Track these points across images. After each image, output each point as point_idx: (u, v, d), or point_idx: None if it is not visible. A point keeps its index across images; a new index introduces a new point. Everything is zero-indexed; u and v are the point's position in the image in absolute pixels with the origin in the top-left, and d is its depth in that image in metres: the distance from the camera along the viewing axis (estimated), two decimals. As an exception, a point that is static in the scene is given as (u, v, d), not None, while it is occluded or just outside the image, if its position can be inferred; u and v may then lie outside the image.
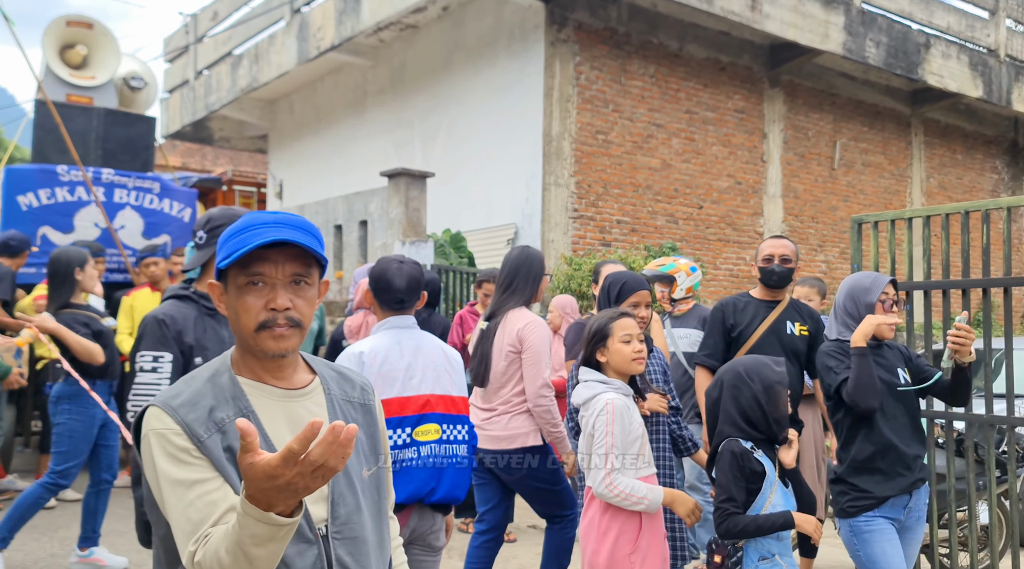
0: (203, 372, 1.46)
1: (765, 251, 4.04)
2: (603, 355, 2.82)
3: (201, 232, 2.63)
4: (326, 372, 1.56)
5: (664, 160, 10.59)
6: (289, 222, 1.41)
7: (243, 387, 1.42)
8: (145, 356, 2.51)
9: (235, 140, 16.39)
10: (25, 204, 5.97)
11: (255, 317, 1.39)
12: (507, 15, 9.96)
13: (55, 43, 6.42)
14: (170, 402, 1.37)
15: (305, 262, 1.42)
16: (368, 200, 7.88)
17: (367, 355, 2.65)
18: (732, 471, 2.48)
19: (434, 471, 2.60)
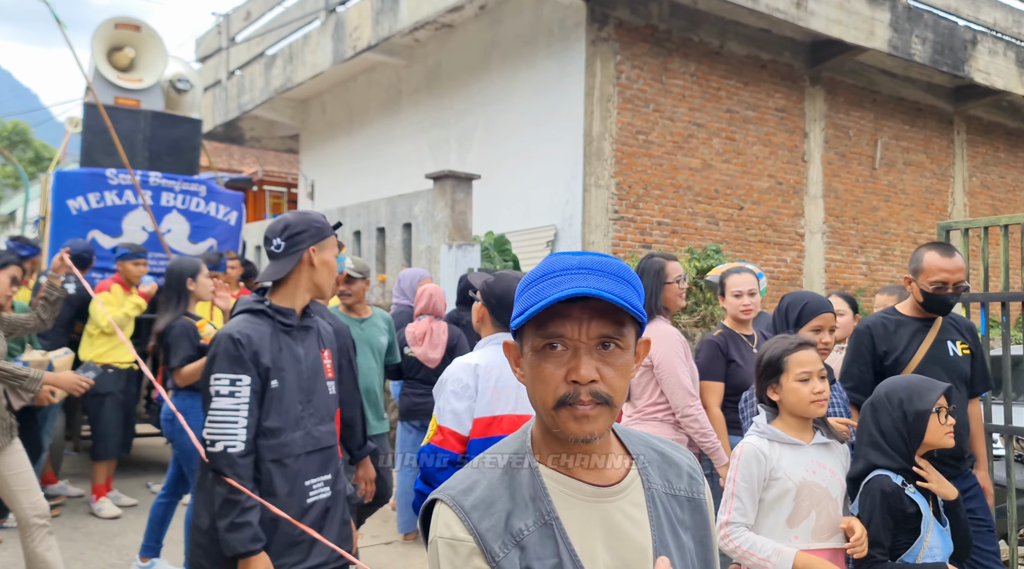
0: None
1: (935, 274, 3.16)
2: (775, 393, 2.44)
3: (278, 240, 2.42)
4: (645, 454, 1.23)
5: (705, 160, 10.41)
6: (596, 267, 1.13)
7: (546, 482, 1.15)
8: (221, 379, 2.30)
9: (266, 140, 16.39)
10: (75, 208, 5.93)
11: (553, 391, 1.12)
12: (546, 13, 9.83)
13: (103, 46, 6.38)
14: (461, 501, 1.14)
15: (617, 319, 1.12)
16: (412, 202, 7.78)
17: (482, 368, 2.51)
18: (881, 513, 2.22)
19: None
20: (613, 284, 1.12)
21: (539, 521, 1.12)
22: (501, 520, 1.12)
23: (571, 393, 1.11)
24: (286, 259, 2.43)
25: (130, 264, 5.49)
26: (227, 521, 2.23)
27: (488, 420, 2.46)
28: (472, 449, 2.46)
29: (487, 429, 2.45)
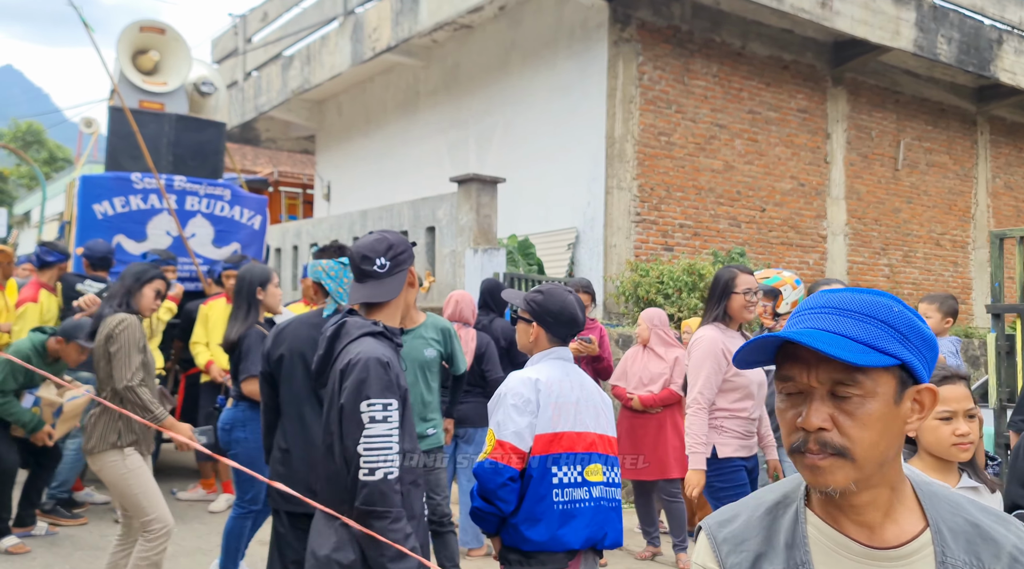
0: (770, 494, 1.14)
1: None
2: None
3: (382, 260, 2.31)
4: (949, 521, 1.08)
5: (727, 162, 10.31)
6: (840, 307, 1.05)
7: (809, 531, 1.08)
8: (375, 405, 2.16)
9: (281, 141, 16.36)
10: (100, 212, 5.88)
11: (787, 436, 1.06)
12: (567, 14, 9.74)
13: (128, 49, 6.33)
14: (716, 533, 1.13)
15: (850, 363, 1.01)
16: (436, 206, 7.70)
17: (543, 383, 2.46)
18: None
19: (604, 513, 2.42)
20: (850, 325, 1.03)
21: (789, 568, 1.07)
22: (748, 559, 1.09)
23: (801, 441, 1.05)
24: (392, 279, 2.33)
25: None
26: (392, 552, 2.09)
27: (550, 437, 2.41)
28: (532, 466, 2.39)
29: (549, 446, 2.40)
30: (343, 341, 2.27)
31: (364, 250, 2.33)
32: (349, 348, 2.25)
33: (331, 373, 2.26)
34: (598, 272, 9.32)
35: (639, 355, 5.29)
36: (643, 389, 5.17)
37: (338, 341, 2.28)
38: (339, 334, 2.28)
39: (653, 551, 5.17)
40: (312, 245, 9.69)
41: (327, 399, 2.26)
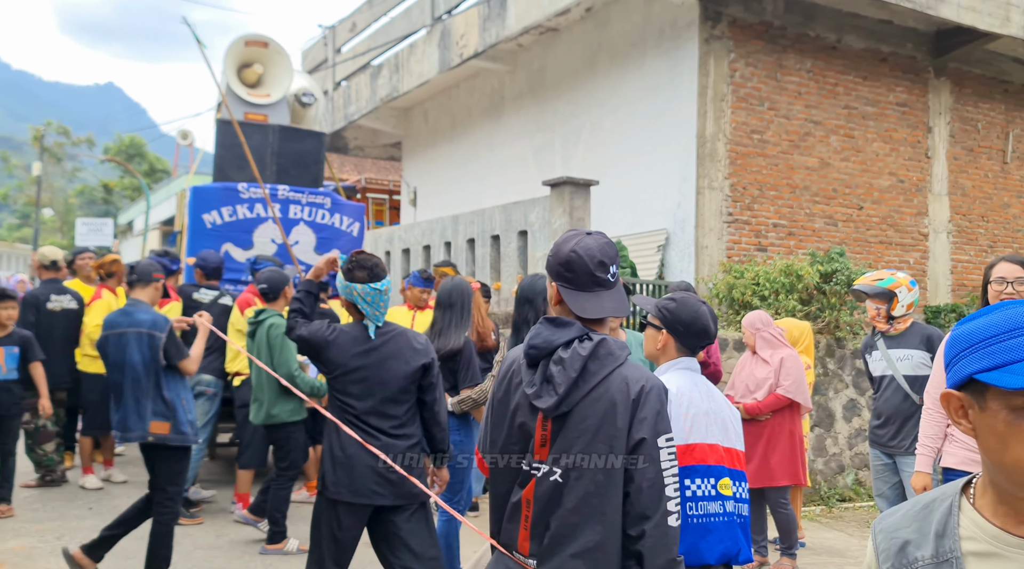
0: (931, 494, 1.19)
1: None
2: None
3: (615, 268, 2.04)
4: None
5: (822, 159, 10.00)
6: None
7: (964, 524, 1.10)
8: (670, 440, 1.94)
9: (369, 148, 16.71)
10: (210, 222, 6.12)
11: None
12: (656, 14, 9.63)
13: (234, 63, 6.57)
14: (877, 523, 1.23)
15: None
16: (528, 210, 7.72)
17: (674, 395, 2.34)
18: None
19: (736, 529, 2.35)
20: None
21: (937, 557, 1.10)
22: (897, 544, 1.16)
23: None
24: (616, 290, 2.05)
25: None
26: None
27: (683, 448, 2.33)
28: None
29: (681, 458, 2.31)
30: (607, 364, 1.94)
31: (600, 255, 2.00)
32: (625, 374, 1.93)
33: (594, 400, 1.91)
34: (689, 274, 9.17)
35: (747, 361, 5.17)
36: (749, 396, 5.05)
37: (596, 362, 1.93)
38: (597, 354, 1.94)
39: (760, 560, 5.04)
40: (404, 250, 9.85)
41: (590, 431, 1.90)
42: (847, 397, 8.04)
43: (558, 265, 2.02)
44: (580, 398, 1.91)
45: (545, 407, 1.91)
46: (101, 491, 6.45)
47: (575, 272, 1.99)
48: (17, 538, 5.19)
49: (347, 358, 3.29)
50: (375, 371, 3.29)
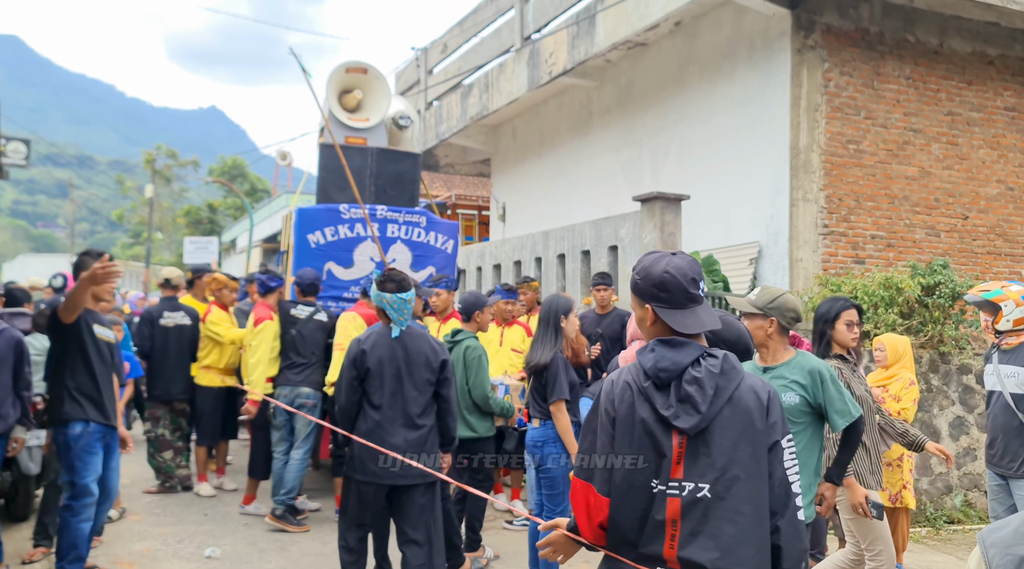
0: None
1: None
2: None
3: (703, 283, 2.18)
4: None
5: (923, 168, 9.67)
6: None
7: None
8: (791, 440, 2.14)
9: (458, 165, 17.06)
10: (313, 242, 6.43)
11: None
12: (747, 25, 9.55)
13: (336, 89, 6.91)
14: (987, 537, 1.27)
15: None
16: (618, 225, 7.77)
17: None
18: None
19: None
20: None
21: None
22: (1013, 561, 1.19)
23: None
24: (708, 303, 2.17)
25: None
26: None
27: None
28: None
29: None
30: (734, 378, 2.05)
31: (691, 273, 2.12)
32: (751, 384, 2.07)
33: (731, 413, 2.01)
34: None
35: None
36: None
37: (725, 378, 2.04)
38: (725, 370, 2.06)
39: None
40: (495, 265, 10.03)
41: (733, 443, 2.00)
42: (953, 414, 7.73)
43: (652, 287, 2.11)
44: (716, 413, 2.01)
45: (688, 426, 1.99)
46: (214, 498, 6.82)
47: (670, 291, 2.10)
48: (143, 541, 5.56)
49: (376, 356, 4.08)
50: (400, 365, 4.08)
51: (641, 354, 2.09)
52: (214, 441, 7.13)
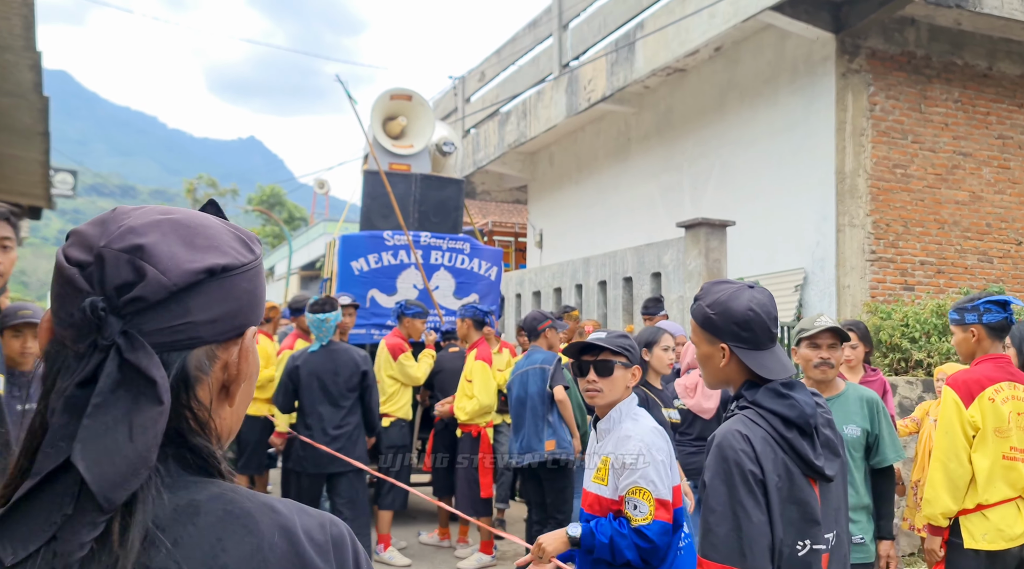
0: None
1: None
2: None
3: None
4: None
5: (973, 192, 9.45)
6: None
7: None
8: None
9: (495, 192, 17.09)
10: (357, 269, 6.42)
11: None
12: (789, 50, 9.46)
13: (380, 116, 6.94)
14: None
15: None
16: (662, 251, 7.67)
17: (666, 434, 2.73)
18: None
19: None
20: None
21: None
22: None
23: None
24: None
25: (419, 322, 5.91)
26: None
27: (676, 489, 2.65)
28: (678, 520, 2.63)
29: (677, 499, 2.65)
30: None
31: (773, 310, 1.98)
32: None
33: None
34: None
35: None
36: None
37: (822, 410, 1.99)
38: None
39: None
40: (535, 292, 9.96)
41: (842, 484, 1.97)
42: (1013, 447, 7.44)
43: (733, 325, 1.91)
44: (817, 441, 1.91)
45: (832, 473, 1.88)
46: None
47: (754, 331, 1.91)
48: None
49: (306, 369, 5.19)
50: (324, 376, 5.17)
51: (768, 400, 1.87)
52: (259, 470, 7.10)
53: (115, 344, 0.74)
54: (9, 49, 6.21)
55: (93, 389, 0.73)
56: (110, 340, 0.74)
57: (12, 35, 5.98)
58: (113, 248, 0.75)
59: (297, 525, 0.80)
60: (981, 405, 3.23)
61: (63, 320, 0.76)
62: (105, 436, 0.71)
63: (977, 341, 3.30)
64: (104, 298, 0.74)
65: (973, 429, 3.25)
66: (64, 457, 0.71)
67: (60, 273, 0.77)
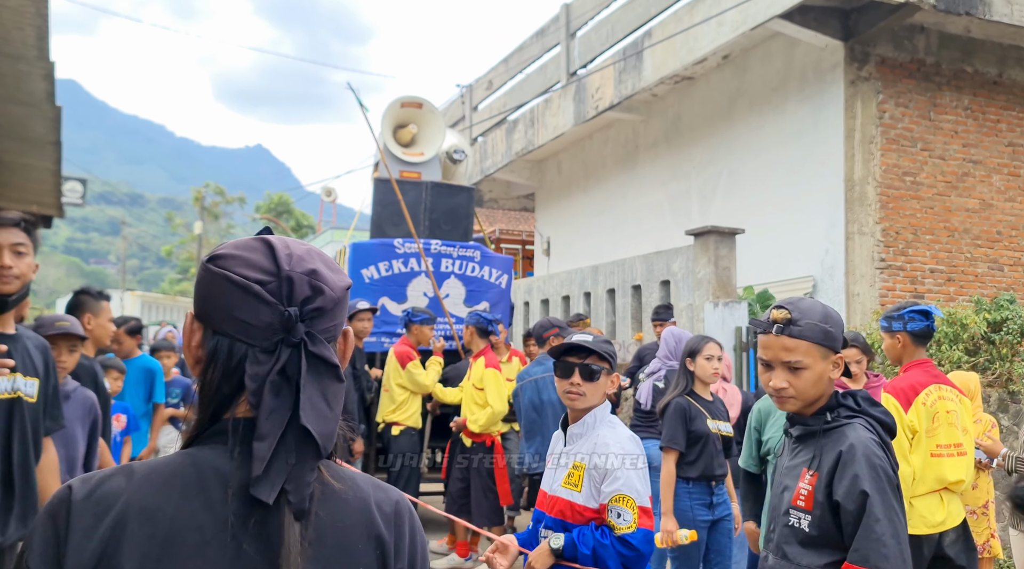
0: None
1: None
2: None
3: None
4: None
5: (983, 200, 9.43)
6: None
7: None
8: None
9: (503, 200, 17.11)
10: (368, 277, 6.43)
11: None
12: (798, 58, 9.46)
13: (391, 124, 6.97)
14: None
15: None
16: (671, 259, 7.67)
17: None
18: None
19: None
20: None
21: None
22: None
23: None
24: None
25: (427, 328, 5.91)
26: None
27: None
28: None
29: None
30: None
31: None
32: None
33: None
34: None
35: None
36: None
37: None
38: None
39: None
40: (543, 300, 9.96)
41: None
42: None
43: (842, 335, 2.05)
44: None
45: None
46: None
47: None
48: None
49: None
50: None
51: (871, 408, 2.00)
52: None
53: (304, 341, 0.99)
54: (23, 59, 6.25)
55: (291, 374, 0.99)
56: (299, 339, 0.99)
57: (26, 45, 6.02)
58: (296, 271, 1.01)
59: (371, 497, 1.06)
60: (917, 409, 3.47)
61: (244, 325, 1.00)
62: (317, 406, 0.98)
63: (903, 347, 3.59)
64: (297, 309, 1.00)
65: (912, 432, 3.47)
66: (285, 423, 0.97)
67: (244, 289, 1.00)
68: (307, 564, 0.97)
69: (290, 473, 0.97)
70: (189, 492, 0.97)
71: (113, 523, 0.93)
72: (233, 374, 1.00)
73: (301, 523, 0.98)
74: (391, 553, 1.05)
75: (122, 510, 0.94)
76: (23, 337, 2.61)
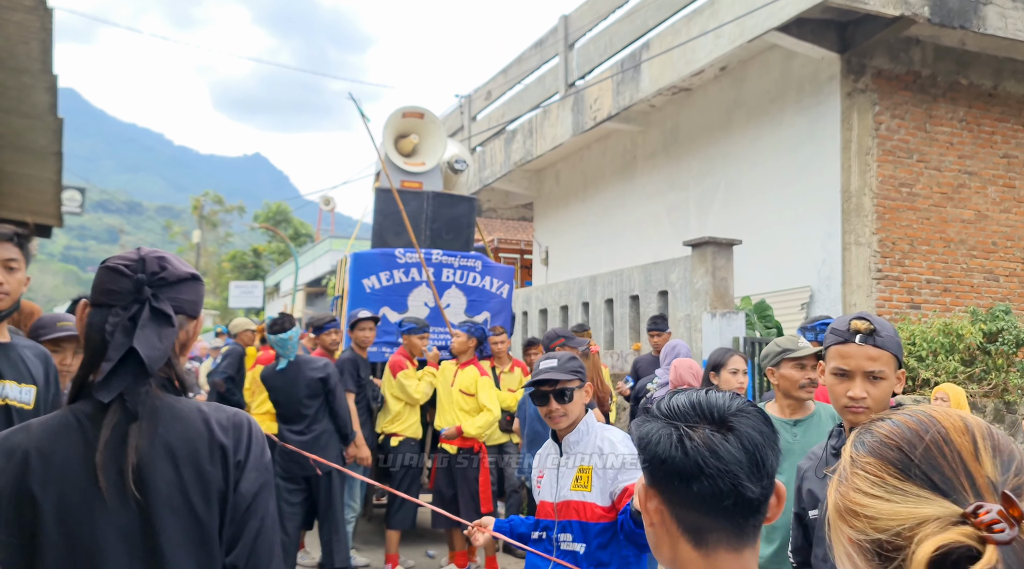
0: None
1: None
2: None
3: None
4: None
5: (979, 211, 9.50)
6: None
7: None
8: None
9: (501, 210, 17.17)
10: (369, 286, 6.47)
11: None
12: (796, 69, 9.55)
13: (392, 134, 7.02)
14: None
15: None
16: (668, 270, 7.72)
17: None
18: None
19: None
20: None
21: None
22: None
23: None
24: None
25: (416, 338, 5.88)
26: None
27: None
28: None
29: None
30: None
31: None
32: None
33: None
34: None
35: None
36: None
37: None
38: None
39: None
40: (541, 310, 10.00)
41: None
42: (1022, 466, 7.44)
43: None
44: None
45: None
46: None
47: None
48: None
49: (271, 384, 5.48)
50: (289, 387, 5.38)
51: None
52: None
53: (148, 299, 1.43)
54: (27, 72, 6.30)
55: (138, 321, 1.41)
56: (146, 297, 1.43)
57: (30, 58, 6.08)
58: (149, 256, 1.48)
59: (211, 416, 1.44)
60: None
61: (112, 292, 1.45)
62: (149, 339, 1.40)
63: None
64: (145, 277, 1.45)
65: None
66: (127, 350, 1.39)
67: (112, 269, 1.46)
68: (153, 463, 1.36)
69: (127, 385, 1.38)
70: (70, 433, 1.37)
71: (19, 461, 1.34)
72: (102, 335, 1.41)
73: (138, 423, 1.37)
74: (231, 451, 1.41)
75: (25, 451, 1.35)
76: (17, 346, 2.57)
